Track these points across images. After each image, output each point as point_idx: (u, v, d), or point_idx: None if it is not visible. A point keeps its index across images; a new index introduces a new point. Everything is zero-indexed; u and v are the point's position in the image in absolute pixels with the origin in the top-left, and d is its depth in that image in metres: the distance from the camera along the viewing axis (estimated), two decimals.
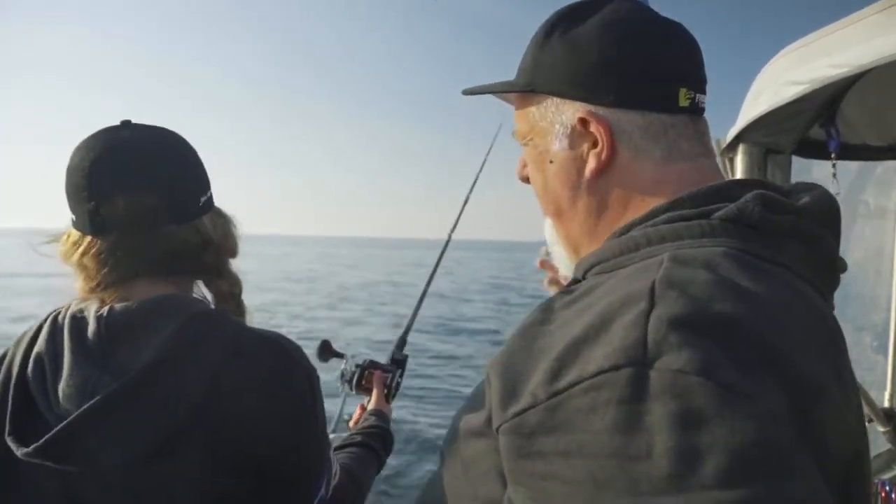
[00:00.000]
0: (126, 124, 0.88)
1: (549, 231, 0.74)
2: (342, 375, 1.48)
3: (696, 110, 0.63)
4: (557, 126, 0.65)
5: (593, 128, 0.61)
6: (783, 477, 0.35)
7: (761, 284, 0.46)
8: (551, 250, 0.75)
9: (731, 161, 1.70)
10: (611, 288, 0.50)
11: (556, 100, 0.65)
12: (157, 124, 0.91)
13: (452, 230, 1.96)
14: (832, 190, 1.67)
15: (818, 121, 1.61)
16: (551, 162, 0.66)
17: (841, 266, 0.59)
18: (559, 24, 0.64)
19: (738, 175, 1.69)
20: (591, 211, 0.65)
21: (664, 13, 0.66)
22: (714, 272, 0.46)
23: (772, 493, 0.34)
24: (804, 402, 0.40)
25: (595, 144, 0.62)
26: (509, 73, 0.71)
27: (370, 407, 1.41)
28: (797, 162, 1.78)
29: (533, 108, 0.67)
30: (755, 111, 1.48)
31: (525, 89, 0.67)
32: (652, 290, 0.44)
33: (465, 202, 1.98)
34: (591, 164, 0.62)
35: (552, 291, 0.95)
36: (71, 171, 0.85)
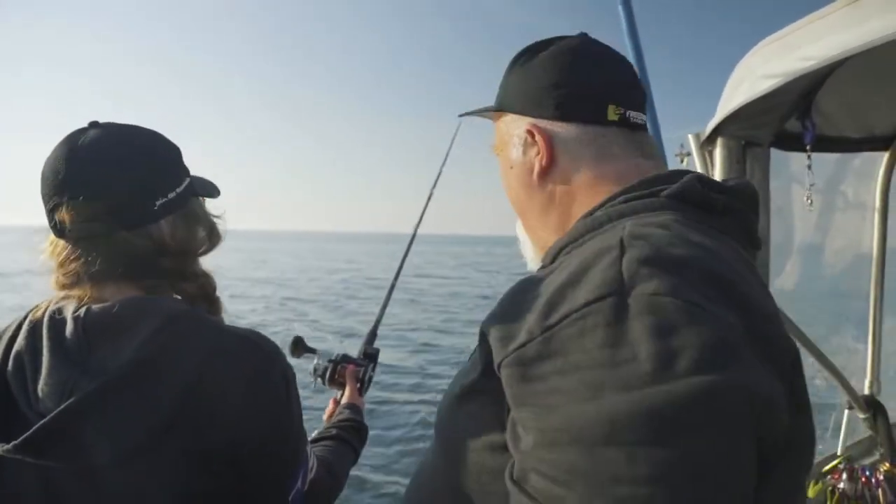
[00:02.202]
0: (93, 125, 0.88)
1: (519, 228, 0.86)
2: (315, 370, 1.49)
3: (627, 124, 0.75)
4: (515, 137, 0.79)
5: (537, 137, 0.76)
6: (740, 368, 0.44)
7: (707, 239, 0.57)
8: (522, 246, 0.86)
9: (710, 154, 1.72)
10: (584, 249, 0.59)
11: (515, 116, 0.80)
12: (143, 117, 0.90)
13: (417, 225, 2.00)
14: (807, 182, 1.71)
15: (794, 113, 1.64)
16: (512, 167, 0.81)
17: (757, 243, 0.71)
18: (521, 57, 0.80)
19: (717, 168, 1.71)
20: (543, 205, 0.78)
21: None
22: (668, 230, 0.57)
23: (732, 378, 0.43)
24: (751, 317, 0.49)
25: (539, 152, 0.76)
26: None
27: (344, 401, 1.43)
28: (775, 154, 1.80)
29: (501, 124, 0.83)
30: (732, 104, 1.50)
31: (496, 109, 0.83)
32: (621, 241, 0.54)
33: (429, 198, 2.04)
34: (536, 168, 0.76)
35: None
36: (41, 176, 0.87)
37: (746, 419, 0.43)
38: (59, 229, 0.86)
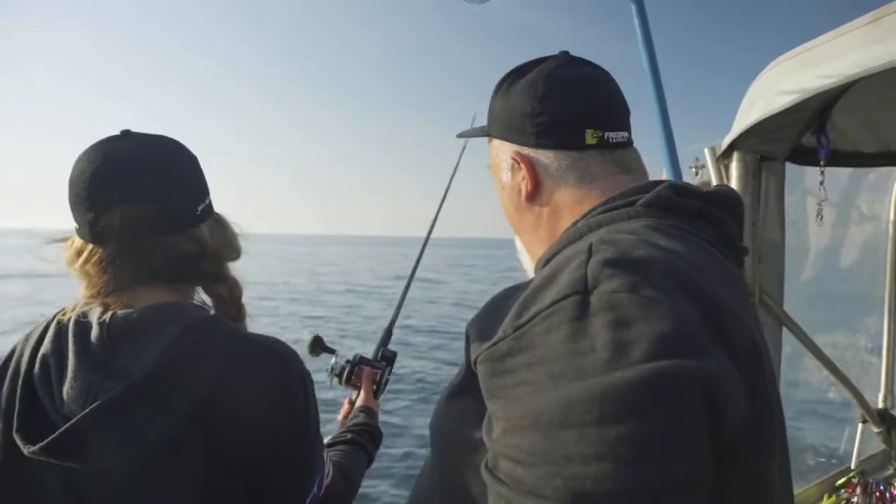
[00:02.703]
0: (126, 134, 0.90)
1: (517, 242, 0.90)
2: (332, 370, 1.51)
3: (606, 145, 0.78)
4: (503, 162, 0.83)
5: (521, 164, 0.79)
6: (693, 356, 0.46)
7: (673, 242, 0.60)
8: (520, 258, 0.90)
9: (726, 168, 1.73)
10: (559, 258, 0.63)
11: (501, 142, 0.84)
12: (160, 126, 0.92)
13: (431, 229, 2.04)
14: (819, 197, 1.72)
15: (810, 129, 1.65)
16: (503, 189, 0.85)
17: (742, 251, 0.74)
18: (504, 82, 0.83)
19: (734, 181, 1.72)
20: (532, 224, 0.82)
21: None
22: (636, 235, 0.60)
23: (684, 365, 0.45)
24: (709, 311, 0.52)
25: (524, 177, 0.80)
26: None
27: (358, 403, 1.44)
28: (791, 168, 1.81)
29: (492, 148, 0.86)
30: (748, 120, 1.51)
31: (483, 135, 0.88)
32: (590, 247, 0.58)
33: (438, 211, 2.08)
34: (523, 191, 0.80)
35: None
36: (73, 182, 0.87)
37: (697, 402, 0.45)
38: (101, 235, 0.86)
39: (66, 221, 0.91)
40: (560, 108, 0.77)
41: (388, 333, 1.69)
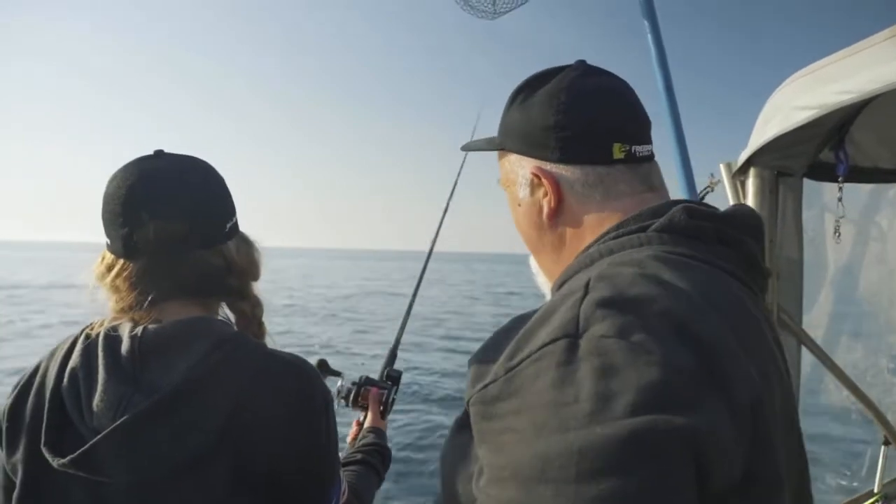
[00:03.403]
0: (158, 154, 0.94)
1: (532, 263, 0.86)
2: (338, 392, 1.51)
3: (633, 160, 0.74)
4: (520, 178, 0.78)
5: (543, 180, 0.75)
6: (681, 411, 0.44)
7: (679, 275, 0.56)
8: (536, 280, 0.86)
9: (743, 184, 1.71)
10: (560, 291, 0.61)
11: (518, 156, 0.78)
12: (187, 147, 0.95)
13: (433, 244, 2.02)
14: (837, 213, 1.69)
15: (828, 144, 1.63)
16: (519, 205, 0.80)
17: (765, 272, 0.70)
18: (520, 93, 0.79)
19: (750, 197, 1.70)
20: (553, 244, 0.78)
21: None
22: (639, 267, 0.57)
23: (668, 421, 0.43)
24: (706, 357, 0.49)
25: (546, 193, 0.75)
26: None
27: (367, 424, 1.44)
28: (808, 184, 1.79)
29: (506, 162, 0.82)
30: (766, 135, 1.50)
31: (497, 148, 0.83)
32: (587, 283, 0.55)
33: (439, 225, 2.06)
34: (545, 209, 0.76)
35: None
36: (108, 199, 0.90)
37: (681, 461, 0.43)
38: (135, 250, 0.88)
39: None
40: (585, 120, 0.73)
41: (393, 353, 1.69)
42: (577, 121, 0.73)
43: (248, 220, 1.05)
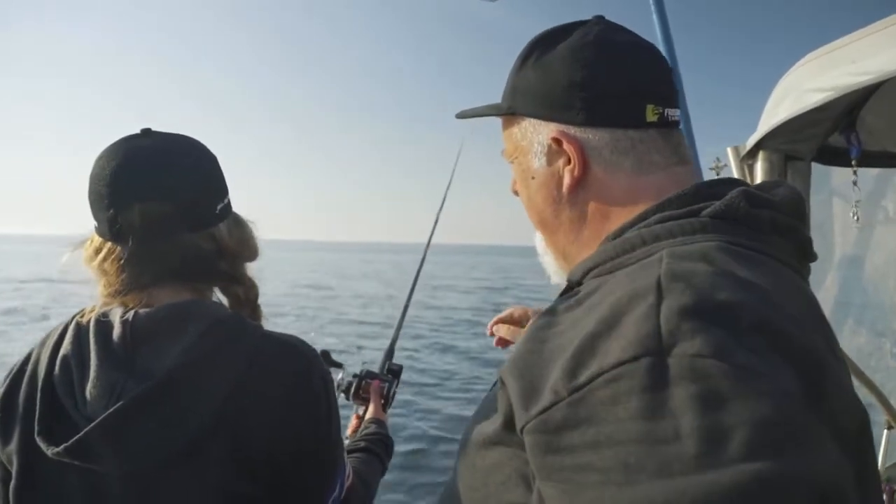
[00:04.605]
0: (146, 132, 0.90)
1: (538, 242, 0.78)
2: (339, 385, 1.51)
3: (667, 124, 0.66)
4: (536, 145, 0.70)
5: (566, 146, 0.66)
6: (805, 448, 0.37)
7: (755, 272, 0.49)
8: (542, 260, 0.79)
9: (751, 168, 1.70)
10: (615, 286, 0.52)
11: (534, 121, 0.70)
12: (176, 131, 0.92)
13: (430, 239, 1.99)
14: (853, 197, 1.68)
15: (838, 128, 1.62)
16: (533, 178, 0.72)
17: (812, 256, 0.64)
18: (534, 50, 0.70)
19: (758, 181, 1.69)
20: (573, 221, 0.69)
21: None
22: (712, 264, 0.49)
23: (793, 463, 0.36)
24: (811, 376, 0.42)
25: (569, 161, 0.67)
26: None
27: (368, 416, 1.44)
28: (816, 169, 1.78)
29: (515, 129, 0.73)
30: (776, 118, 1.48)
31: (506, 112, 0.73)
32: (658, 284, 0.47)
33: (436, 221, 2.02)
34: (566, 180, 0.67)
35: (503, 350, 1.08)
36: (93, 180, 0.87)
37: None
38: (121, 233, 0.86)
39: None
40: (616, 78, 0.65)
41: (392, 346, 1.68)
42: (607, 78, 0.65)
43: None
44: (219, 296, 0.97)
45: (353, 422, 1.49)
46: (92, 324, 0.84)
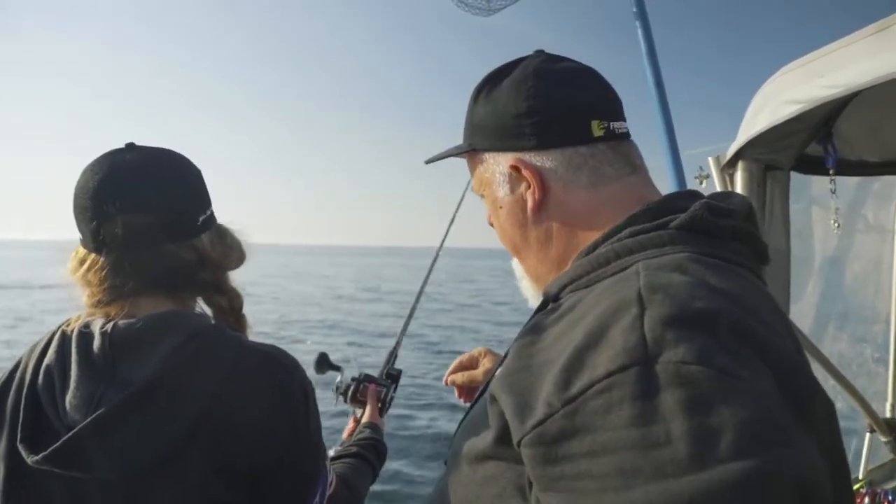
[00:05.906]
0: (131, 147, 0.92)
1: (516, 268, 0.82)
2: (337, 388, 1.51)
3: (614, 136, 0.70)
4: (498, 175, 0.74)
5: (524, 172, 0.70)
6: (786, 443, 0.40)
7: (725, 280, 0.52)
8: (519, 284, 0.82)
9: (731, 177, 1.73)
10: (595, 300, 0.55)
11: (492, 153, 0.74)
12: (163, 141, 0.93)
13: (439, 249, 1.97)
14: (832, 205, 1.71)
15: (815, 138, 1.65)
16: (501, 207, 0.75)
17: (766, 259, 0.67)
18: (483, 89, 0.75)
19: (739, 191, 1.72)
20: (541, 241, 0.73)
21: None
22: (686, 274, 0.52)
23: (779, 457, 0.39)
24: (786, 375, 0.45)
25: (529, 186, 0.70)
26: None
27: (364, 420, 1.43)
28: (795, 178, 1.81)
29: (479, 165, 0.77)
30: (754, 129, 1.52)
31: (467, 150, 0.77)
32: (640, 296, 0.49)
33: (444, 236, 1.98)
34: (529, 203, 0.71)
35: (463, 401, 1.14)
36: (78, 192, 0.89)
37: (794, 498, 0.39)
38: (102, 244, 0.87)
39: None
40: (558, 101, 0.70)
41: (394, 352, 1.68)
42: (550, 103, 0.70)
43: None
44: (202, 306, 0.98)
45: (349, 425, 1.48)
46: (74, 334, 0.85)
